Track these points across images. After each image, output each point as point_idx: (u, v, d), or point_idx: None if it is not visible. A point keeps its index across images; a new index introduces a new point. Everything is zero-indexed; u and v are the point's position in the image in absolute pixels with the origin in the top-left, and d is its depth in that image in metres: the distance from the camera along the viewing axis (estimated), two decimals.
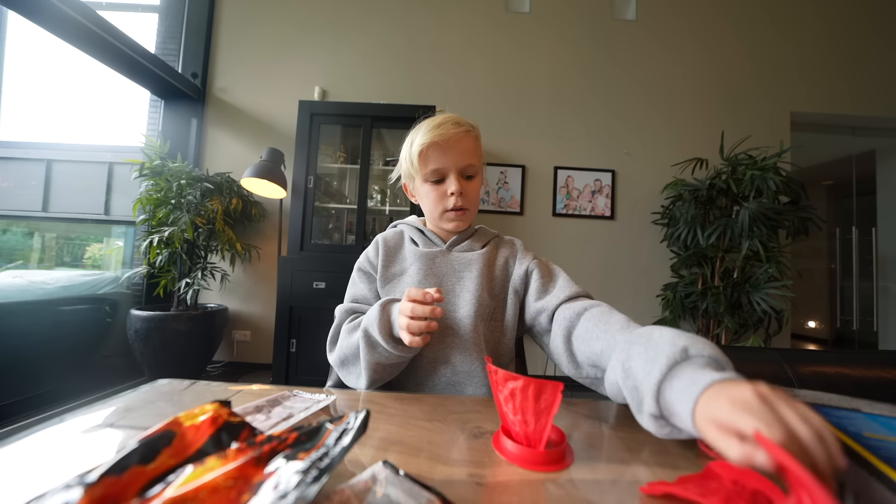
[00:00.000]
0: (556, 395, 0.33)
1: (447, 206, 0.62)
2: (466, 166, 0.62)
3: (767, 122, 2.53)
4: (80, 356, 1.98)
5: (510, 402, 0.35)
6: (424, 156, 0.60)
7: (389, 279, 0.65)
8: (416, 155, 0.60)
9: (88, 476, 0.21)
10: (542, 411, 0.33)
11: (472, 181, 0.63)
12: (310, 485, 0.20)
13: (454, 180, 0.61)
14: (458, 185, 0.61)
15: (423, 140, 0.59)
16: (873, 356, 0.69)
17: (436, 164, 0.60)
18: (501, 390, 0.36)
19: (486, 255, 0.66)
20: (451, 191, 0.61)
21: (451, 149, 0.60)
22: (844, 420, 0.33)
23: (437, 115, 0.64)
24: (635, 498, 0.29)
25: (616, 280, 2.47)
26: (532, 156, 2.49)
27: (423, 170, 0.61)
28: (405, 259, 0.67)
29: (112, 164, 2.44)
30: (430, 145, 0.59)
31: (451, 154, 0.60)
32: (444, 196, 0.62)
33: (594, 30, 2.57)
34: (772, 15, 2.59)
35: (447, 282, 0.64)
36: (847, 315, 3.24)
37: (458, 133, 0.60)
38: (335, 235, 2.35)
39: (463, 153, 0.61)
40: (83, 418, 0.39)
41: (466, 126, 0.62)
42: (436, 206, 0.63)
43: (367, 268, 0.68)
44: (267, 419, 0.39)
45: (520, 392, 0.34)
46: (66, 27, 1.66)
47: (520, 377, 0.34)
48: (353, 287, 0.68)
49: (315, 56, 2.52)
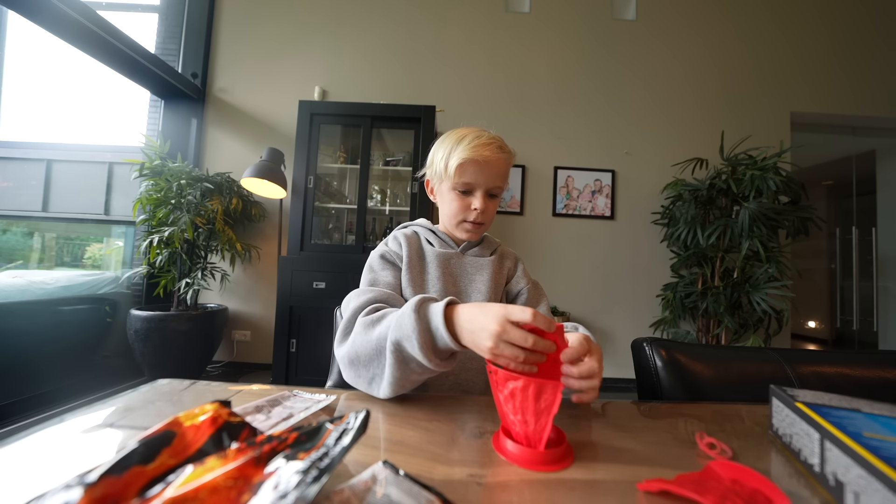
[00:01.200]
0: (557, 395, 0.33)
1: (467, 217, 0.66)
2: (495, 187, 0.65)
3: (767, 122, 2.53)
4: (80, 356, 1.98)
5: (510, 402, 0.35)
6: (462, 169, 0.62)
7: (412, 272, 0.65)
8: (454, 165, 0.62)
9: (88, 476, 0.21)
10: (543, 411, 0.33)
11: (495, 199, 0.67)
12: (310, 485, 0.20)
13: (480, 198, 0.64)
14: (483, 203, 0.64)
15: (466, 156, 0.61)
16: (873, 356, 0.69)
17: (470, 178, 0.63)
18: (501, 390, 0.36)
19: (495, 263, 0.70)
20: (475, 206, 0.64)
21: (487, 169, 0.63)
22: (844, 420, 0.33)
23: (479, 130, 0.65)
24: (635, 498, 0.29)
25: (616, 280, 2.47)
26: (532, 156, 2.49)
27: (455, 179, 0.63)
28: (425, 257, 0.69)
29: (112, 164, 2.44)
30: (470, 161, 0.61)
31: (486, 174, 0.63)
32: (467, 208, 0.65)
33: (594, 30, 2.57)
34: (771, 15, 2.59)
35: (461, 283, 0.68)
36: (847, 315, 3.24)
37: (500, 158, 0.63)
38: (335, 235, 2.35)
39: (496, 176, 0.64)
40: (83, 418, 0.39)
41: (507, 153, 0.65)
42: (457, 214, 0.66)
43: (392, 257, 0.67)
44: (267, 419, 0.39)
45: (520, 392, 0.34)
46: (66, 27, 1.66)
47: (520, 377, 0.34)
48: (372, 273, 0.65)
49: (315, 56, 2.52)
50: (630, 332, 2.43)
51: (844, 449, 0.29)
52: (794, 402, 0.38)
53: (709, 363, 0.66)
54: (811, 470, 0.33)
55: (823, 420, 0.33)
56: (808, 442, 0.34)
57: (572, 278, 2.47)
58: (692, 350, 0.68)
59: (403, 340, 0.43)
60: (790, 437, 0.38)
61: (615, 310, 2.46)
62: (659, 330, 2.30)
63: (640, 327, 2.42)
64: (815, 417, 0.34)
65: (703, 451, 0.37)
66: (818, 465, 0.32)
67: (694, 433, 0.41)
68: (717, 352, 0.69)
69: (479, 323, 0.40)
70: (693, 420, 0.46)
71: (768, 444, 0.40)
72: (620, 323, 2.45)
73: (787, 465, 0.35)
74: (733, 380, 0.65)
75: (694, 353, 0.67)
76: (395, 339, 0.44)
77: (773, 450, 0.39)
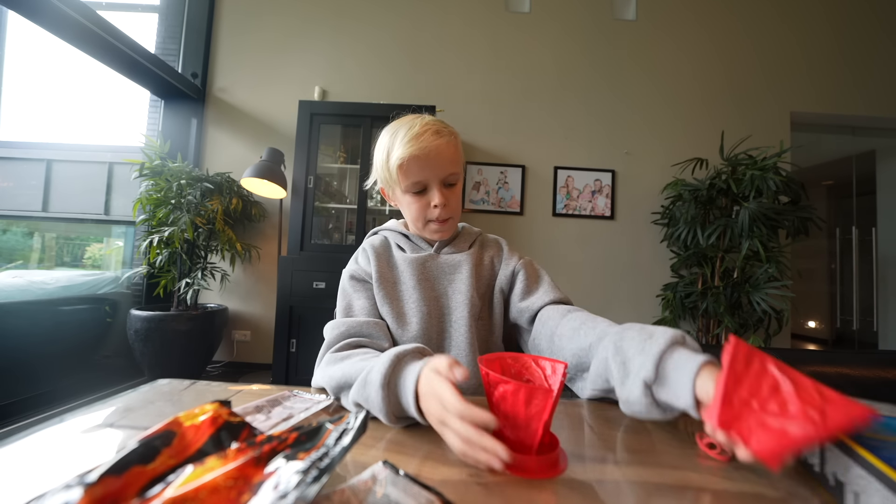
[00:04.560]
0: (548, 400, 0.31)
1: (430, 216, 0.61)
2: (448, 175, 0.59)
3: (767, 122, 2.53)
4: (80, 356, 1.98)
5: (500, 405, 0.34)
6: (405, 169, 0.56)
7: (384, 287, 0.62)
8: (395, 167, 0.57)
9: (88, 476, 0.21)
10: (533, 416, 0.32)
11: (454, 188, 0.61)
12: (310, 485, 0.20)
13: (437, 193, 0.58)
14: (442, 198, 0.58)
15: (403, 153, 0.55)
16: (873, 356, 0.69)
17: (417, 176, 0.58)
18: (493, 393, 0.35)
19: (474, 256, 0.65)
20: (434, 203, 0.59)
21: (432, 160, 0.57)
22: None
23: (411, 119, 0.60)
24: (636, 499, 0.29)
25: (616, 280, 2.47)
26: (532, 156, 2.49)
27: (403, 182, 0.58)
28: (396, 266, 0.65)
29: (112, 164, 2.44)
30: (410, 158, 0.55)
31: (433, 166, 0.57)
32: (427, 207, 0.60)
33: (594, 30, 2.57)
34: (772, 15, 2.59)
35: (439, 285, 0.64)
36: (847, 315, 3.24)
37: (440, 144, 0.57)
38: (335, 235, 2.35)
39: (444, 164, 0.58)
40: (83, 418, 0.39)
41: (447, 135, 0.59)
42: (419, 216, 0.61)
43: (361, 275, 0.64)
44: (267, 419, 0.39)
45: (510, 396, 0.33)
46: (66, 27, 1.66)
47: (510, 381, 0.33)
48: (346, 298, 0.62)
49: (315, 56, 2.52)
50: None
51: (844, 449, 0.29)
52: None
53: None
54: (811, 470, 0.33)
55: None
56: None
57: (572, 278, 2.47)
58: None
59: (365, 406, 0.41)
60: None
61: (615, 310, 2.46)
62: None
63: None
64: None
65: (703, 452, 0.37)
66: (818, 464, 0.32)
67: (694, 433, 0.41)
68: (717, 352, 0.69)
69: (426, 405, 0.36)
70: (693, 420, 0.46)
71: None
72: (620, 323, 2.44)
73: (787, 465, 0.35)
74: None
75: None
76: (356, 402, 0.42)
77: None
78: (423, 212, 0.61)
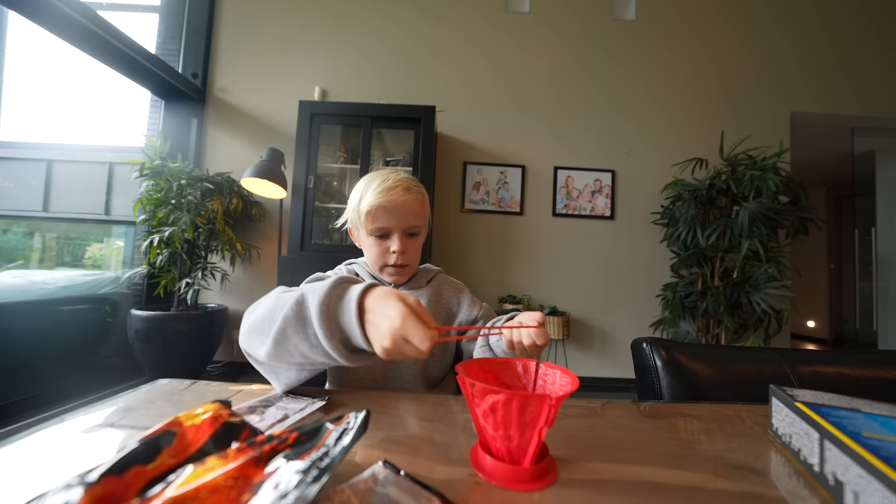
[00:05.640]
0: (543, 406, 0.29)
1: (388, 261, 0.65)
2: (411, 227, 0.65)
3: (767, 122, 2.53)
4: (81, 356, 1.98)
5: (490, 418, 0.31)
6: (372, 215, 0.62)
7: None
8: (363, 213, 0.62)
9: (89, 476, 0.21)
10: (528, 424, 0.30)
11: (415, 238, 0.66)
12: (310, 485, 0.20)
13: (397, 240, 0.64)
14: (401, 245, 0.63)
15: (374, 201, 0.61)
16: (873, 356, 0.69)
17: (382, 223, 0.63)
18: (479, 405, 0.31)
19: (431, 291, 0.71)
20: (393, 248, 0.64)
21: (397, 211, 0.62)
22: (844, 420, 0.33)
23: (387, 173, 0.65)
24: (637, 499, 0.29)
25: (616, 280, 2.47)
26: (532, 156, 2.49)
27: (368, 226, 0.63)
28: None
29: (112, 165, 2.44)
30: (379, 207, 0.61)
31: (397, 216, 0.63)
32: (386, 252, 0.64)
33: (594, 30, 2.57)
34: (772, 15, 2.59)
35: None
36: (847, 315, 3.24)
37: (408, 199, 0.63)
38: (335, 235, 2.35)
39: (408, 216, 0.64)
40: (83, 418, 0.39)
41: (416, 193, 0.65)
42: (377, 259, 0.66)
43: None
44: (261, 420, 0.39)
45: (501, 406, 0.30)
46: (66, 27, 1.66)
47: (501, 391, 0.29)
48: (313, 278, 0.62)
49: (315, 56, 2.52)
50: (630, 331, 2.43)
51: (844, 449, 0.29)
52: (794, 402, 0.38)
53: (708, 363, 0.66)
54: (811, 470, 0.33)
55: (823, 420, 0.33)
56: (807, 442, 0.34)
57: (572, 278, 2.47)
58: (692, 350, 0.68)
59: (309, 295, 0.39)
60: (790, 436, 0.38)
61: (615, 310, 2.46)
62: (659, 330, 2.30)
63: (640, 327, 2.42)
64: (815, 417, 0.34)
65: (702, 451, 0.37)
66: (818, 464, 0.32)
67: (694, 433, 0.41)
68: (716, 352, 0.69)
69: (380, 313, 0.35)
70: (693, 420, 0.46)
71: (768, 443, 0.40)
72: (620, 323, 2.45)
73: (787, 465, 0.35)
74: (733, 380, 0.65)
75: (694, 352, 0.67)
76: (302, 292, 0.40)
77: (772, 449, 0.39)
78: (383, 256, 0.65)
